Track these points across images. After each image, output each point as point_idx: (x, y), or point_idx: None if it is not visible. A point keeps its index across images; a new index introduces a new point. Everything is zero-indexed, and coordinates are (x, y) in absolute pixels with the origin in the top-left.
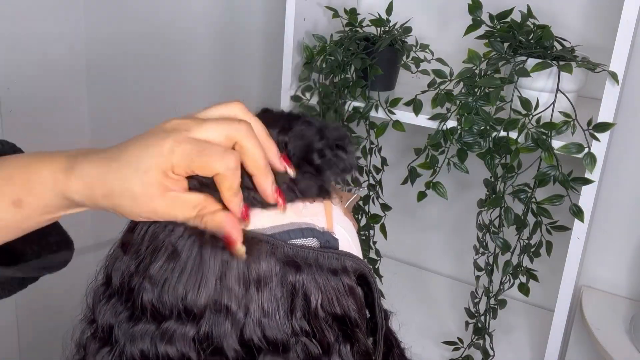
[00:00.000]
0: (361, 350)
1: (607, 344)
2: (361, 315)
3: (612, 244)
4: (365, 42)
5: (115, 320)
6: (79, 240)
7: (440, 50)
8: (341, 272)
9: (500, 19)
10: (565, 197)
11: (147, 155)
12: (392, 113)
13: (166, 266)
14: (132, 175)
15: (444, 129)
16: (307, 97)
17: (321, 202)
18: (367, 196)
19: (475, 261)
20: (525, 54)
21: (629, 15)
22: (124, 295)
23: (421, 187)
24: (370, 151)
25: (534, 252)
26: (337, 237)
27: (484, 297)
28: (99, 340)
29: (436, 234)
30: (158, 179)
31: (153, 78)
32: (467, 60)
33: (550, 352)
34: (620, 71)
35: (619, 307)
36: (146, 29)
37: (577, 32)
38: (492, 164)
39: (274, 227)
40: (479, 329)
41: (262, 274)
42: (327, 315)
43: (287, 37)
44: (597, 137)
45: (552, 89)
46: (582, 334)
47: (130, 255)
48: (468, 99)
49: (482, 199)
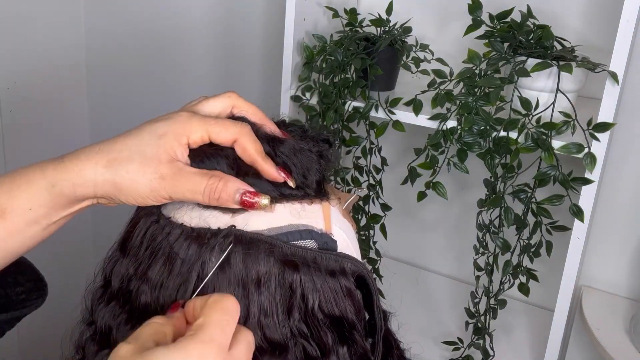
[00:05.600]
0: (359, 352)
1: (607, 344)
2: (359, 317)
3: (612, 244)
4: (365, 42)
5: (114, 322)
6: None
7: (440, 50)
8: (339, 273)
9: (500, 19)
10: (565, 197)
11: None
12: (392, 113)
13: (164, 269)
14: (147, 137)
15: (444, 129)
16: (307, 97)
17: (319, 203)
18: (367, 196)
19: (475, 261)
20: (525, 54)
21: (629, 15)
22: (122, 297)
23: (421, 187)
24: (370, 151)
25: (534, 252)
26: (335, 239)
27: (484, 297)
28: (98, 343)
29: (436, 234)
30: (172, 144)
31: (153, 78)
32: (467, 60)
33: (550, 352)
34: (620, 71)
35: (619, 307)
36: (146, 29)
37: (577, 32)
38: (492, 164)
39: (272, 229)
40: (479, 329)
41: (261, 274)
42: (325, 317)
43: (287, 37)
44: (597, 137)
45: (552, 89)
46: (582, 334)
47: (128, 258)
48: (468, 99)
49: (482, 199)
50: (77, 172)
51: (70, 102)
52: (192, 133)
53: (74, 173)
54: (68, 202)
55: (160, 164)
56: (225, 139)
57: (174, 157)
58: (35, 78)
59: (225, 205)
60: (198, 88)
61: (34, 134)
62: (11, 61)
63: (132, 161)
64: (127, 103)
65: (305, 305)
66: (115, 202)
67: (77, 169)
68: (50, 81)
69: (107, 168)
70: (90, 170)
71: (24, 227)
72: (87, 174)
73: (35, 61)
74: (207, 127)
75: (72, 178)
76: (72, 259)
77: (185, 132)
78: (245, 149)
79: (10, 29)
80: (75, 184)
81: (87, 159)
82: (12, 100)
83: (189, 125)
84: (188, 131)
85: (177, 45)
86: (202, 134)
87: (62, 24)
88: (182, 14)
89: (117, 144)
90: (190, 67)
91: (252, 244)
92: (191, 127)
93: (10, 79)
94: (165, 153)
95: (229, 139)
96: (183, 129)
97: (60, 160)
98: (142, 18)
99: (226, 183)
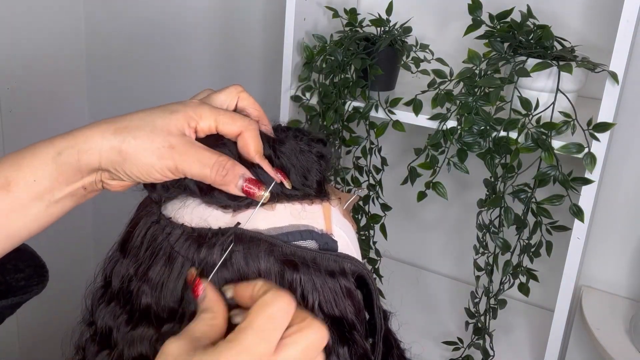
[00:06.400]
0: (359, 352)
1: (607, 344)
2: (359, 317)
3: (612, 244)
4: (365, 42)
5: (114, 323)
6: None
7: (440, 50)
8: (339, 274)
9: (500, 19)
10: (565, 197)
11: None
12: (392, 113)
13: (164, 269)
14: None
15: (444, 129)
16: (307, 97)
17: (320, 204)
18: (367, 196)
19: (475, 261)
20: (525, 54)
21: (629, 15)
22: (122, 298)
23: (421, 187)
24: (370, 151)
25: (534, 252)
26: (336, 239)
27: (484, 297)
28: (98, 343)
29: (436, 234)
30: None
31: (153, 78)
32: (467, 60)
33: (550, 352)
34: (620, 71)
35: (619, 307)
36: (146, 29)
37: (577, 32)
38: (492, 164)
39: (273, 229)
40: (479, 329)
41: (261, 273)
42: (325, 317)
43: (287, 37)
44: (597, 137)
45: (552, 89)
46: (582, 334)
47: (129, 259)
48: (468, 99)
49: (482, 199)
50: (83, 139)
51: (70, 101)
52: (202, 119)
53: (81, 140)
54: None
55: (170, 134)
56: (231, 131)
57: (183, 133)
58: (35, 78)
59: (228, 187)
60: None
61: (34, 134)
62: (11, 61)
63: (141, 129)
64: (127, 103)
65: (305, 305)
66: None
67: (84, 136)
68: (50, 81)
69: (115, 135)
70: (97, 137)
71: (27, 202)
72: (94, 140)
73: (35, 61)
74: (217, 116)
75: (78, 144)
76: (73, 259)
77: (196, 115)
78: (247, 144)
79: (10, 28)
80: (81, 150)
81: (96, 127)
82: (12, 100)
83: (199, 111)
84: (198, 116)
85: (177, 45)
86: (211, 122)
87: (62, 24)
88: (182, 14)
89: (129, 115)
90: (190, 67)
91: (252, 243)
92: (202, 112)
93: (10, 79)
94: (175, 127)
95: (235, 131)
96: (194, 112)
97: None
98: (142, 18)
99: (234, 164)
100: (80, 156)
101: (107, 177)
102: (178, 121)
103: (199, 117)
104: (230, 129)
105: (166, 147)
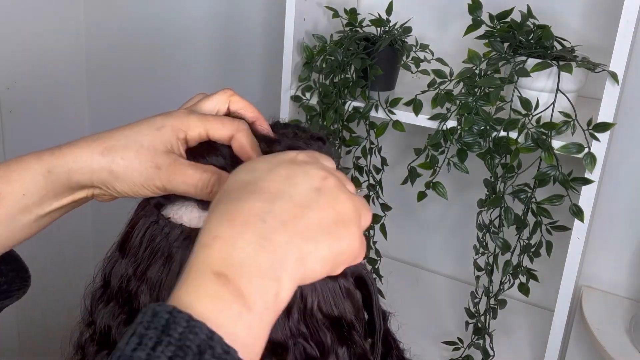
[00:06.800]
0: (358, 352)
1: (607, 344)
2: (358, 318)
3: (612, 244)
4: (365, 42)
5: (113, 322)
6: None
7: (440, 50)
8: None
9: (500, 19)
10: (565, 197)
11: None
12: (392, 113)
13: (163, 269)
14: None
15: (444, 129)
16: (307, 97)
17: None
18: (367, 196)
19: (475, 261)
20: (525, 54)
21: (629, 15)
22: (121, 298)
23: (421, 187)
24: (370, 151)
25: (534, 252)
26: None
27: (484, 297)
28: (97, 343)
29: (436, 234)
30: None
31: (153, 78)
32: (467, 60)
33: (550, 352)
34: (620, 71)
35: (619, 307)
36: (146, 29)
37: (577, 32)
38: (492, 164)
39: None
40: (479, 329)
41: None
42: (324, 317)
43: (287, 37)
44: (597, 137)
45: (552, 89)
46: (582, 334)
47: (128, 258)
48: (468, 99)
49: (482, 199)
50: (73, 158)
51: (70, 102)
52: (190, 129)
53: (70, 159)
54: (63, 190)
55: (156, 154)
56: (222, 135)
57: (170, 149)
58: (35, 78)
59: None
60: (198, 88)
61: (34, 134)
62: (11, 61)
63: (129, 149)
64: (127, 103)
65: (304, 305)
66: (110, 192)
67: (73, 155)
68: (50, 81)
69: (104, 155)
70: (86, 157)
71: (15, 214)
72: (84, 160)
73: (35, 61)
74: (205, 124)
75: (68, 163)
76: (72, 260)
77: (183, 127)
78: (242, 145)
79: (10, 29)
80: (71, 169)
81: (84, 145)
82: (12, 100)
83: (186, 121)
84: (186, 127)
85: (177, 45)
86: (200, 130)
87: (62, 24)
88: (182, 14)
89: (115, 133)
90: (190, 67)
91: None
92: (189, 123)
93: (10, 79)
94: (162, 144)
95: (226, 135)
96: (181, 123)
97: (57, 148)
98: (142, 18)
99: (220, 178)
100: (71, 175)
101: (98, 192)
102: (164, 137)
103: (187, 128)
104: (222, 134)
105: (153, 167)
